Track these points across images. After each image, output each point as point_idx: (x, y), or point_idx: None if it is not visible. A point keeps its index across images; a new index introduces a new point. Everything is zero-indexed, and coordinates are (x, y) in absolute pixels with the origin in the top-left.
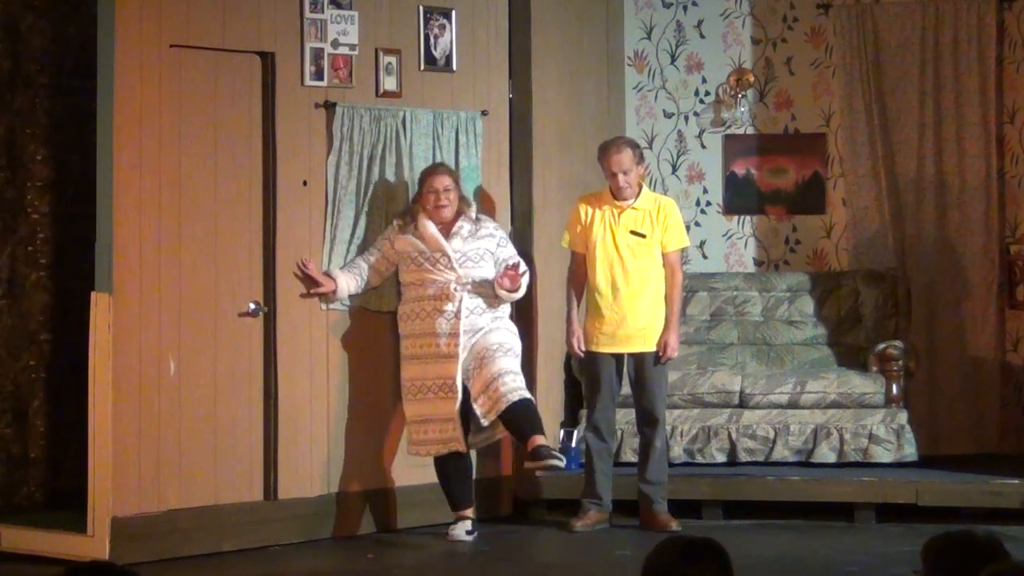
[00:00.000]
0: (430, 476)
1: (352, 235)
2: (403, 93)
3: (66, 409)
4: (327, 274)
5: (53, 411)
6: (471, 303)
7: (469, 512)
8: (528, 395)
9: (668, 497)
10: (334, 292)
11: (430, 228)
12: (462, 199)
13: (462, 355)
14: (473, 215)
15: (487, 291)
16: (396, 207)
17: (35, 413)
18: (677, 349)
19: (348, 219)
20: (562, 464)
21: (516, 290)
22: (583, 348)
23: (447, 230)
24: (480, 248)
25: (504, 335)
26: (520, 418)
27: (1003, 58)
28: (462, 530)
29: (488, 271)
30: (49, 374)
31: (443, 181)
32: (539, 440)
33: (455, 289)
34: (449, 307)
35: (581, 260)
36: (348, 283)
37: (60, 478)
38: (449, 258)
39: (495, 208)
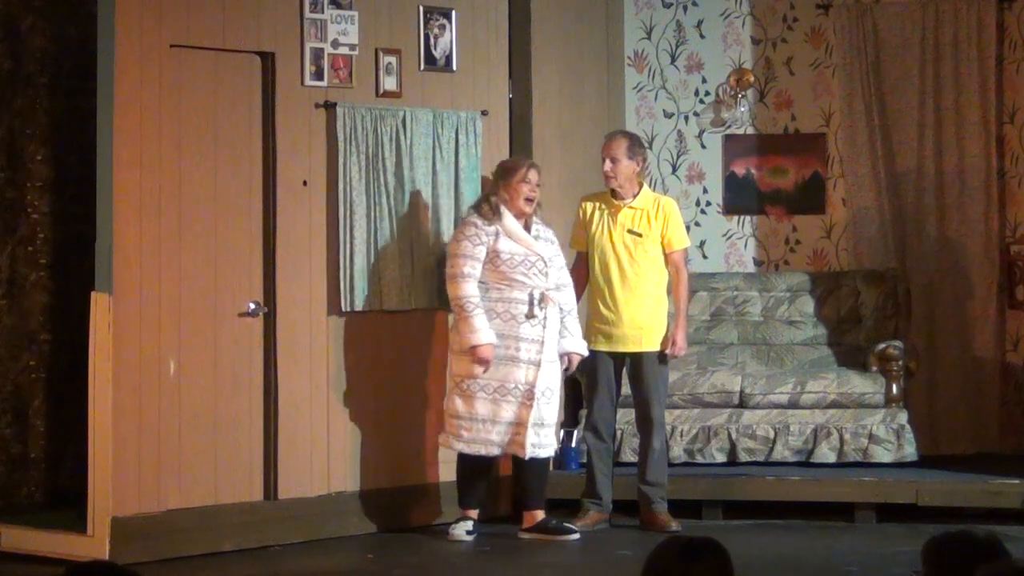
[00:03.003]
0: (430, 476)
1: (368, 233)
2: (403, 93)
3: (66, 409)
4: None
5: (53, 411)
6: (550, 310)
7: (474, 513)
8: (552, 452)
9: (668, 497)
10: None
11: (519, 229)
12: None
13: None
14: (538, 217)
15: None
16: (400, 206)
17: (35, 413)
18: (685, 347)
19: (362, 218)
20: (578, 536)
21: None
22: None
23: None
24: (554, 253)
25: (557, 370)
26: (533, 479)
27: (1003, 58)
28: (463, 530)
29: None
30: (49, 374)
31: (536, 174)
32: (540, 515)
33: (546, 295)
34: (539, 313)
35: (581, 259)
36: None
37: (60, 478)
38: (545, 263)
39: None
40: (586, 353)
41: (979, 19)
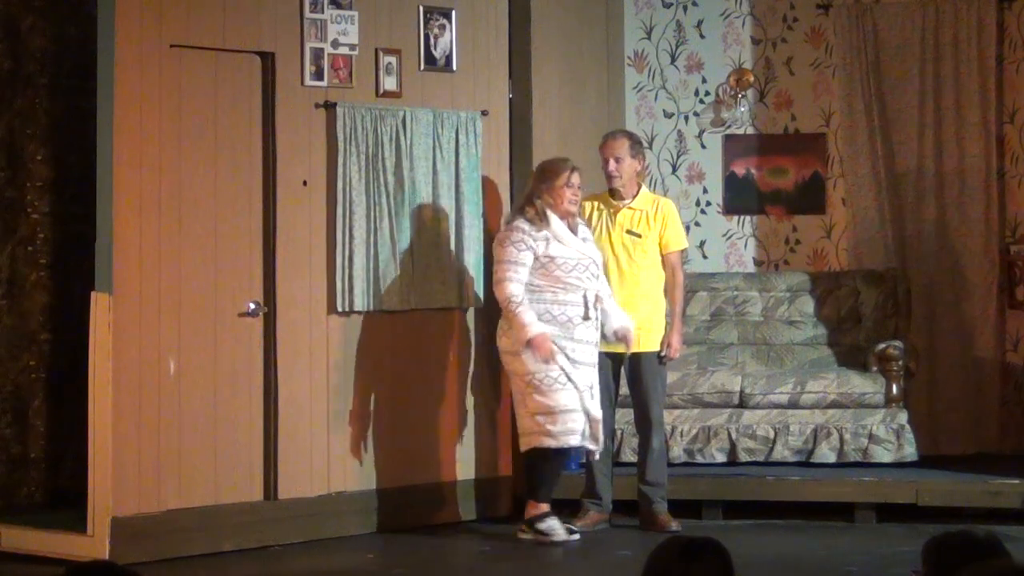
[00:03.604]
0: (431, 476)
1: (368, 233)
2: (403, 93)
3: (66, 409)
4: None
5: (53, 411)
6: (601, 312)
7: (548, 507)
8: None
9: (668, 497)
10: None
11: (567, 233)
12: None
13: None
14: (581, 218)
15: None
16: (400, 206)
17: (35, 413)
18: (680, 350)
19: (361, 218)
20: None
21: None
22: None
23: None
24: (598, 251)
25: (597, 373)
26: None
27: (1003, 58)
28: (563, 530)
29: None
30: (49, 374)
31: (578, 177)
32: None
33: (599, 296)
34: (594, 314)
35: None
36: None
37: (60, 478)
38: (597, 265)
39: (496, 208)
40: (632, 325)
41: (979, 19)
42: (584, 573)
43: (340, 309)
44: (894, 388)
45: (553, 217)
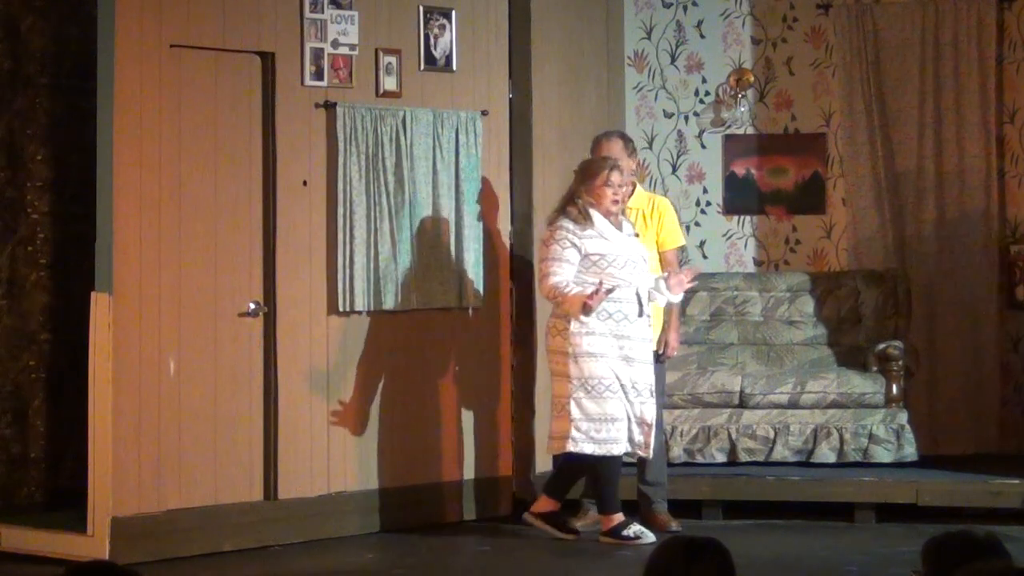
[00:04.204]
0: (431, 476)
1: (368, 233)
2: (403, 93)
3: (66, 409)
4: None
5: (53, 411)
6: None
7: (621, 516)
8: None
9: (668, 497)
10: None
11: (612, 230)
12: None
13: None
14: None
15: None
16: (400, 206)
17: (35, 413)
18: (677, 348)
19: (362, 218)
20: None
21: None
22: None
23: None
24: (644, 247)
25: (653, 370)
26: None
27: (1003, 58)
28: (638, 528)
29: None
30: (49, 374)
31: (619, 175)
32: (620, 518)
33: (651, 292)
34: (647, 311)
35: None
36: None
37: (60, 478)
38: (646, 262)
39: (496, 208)
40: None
41: (979, 19)
42: (584, 573)
43: (340, 309)
44: (894, 388)
45: (596, 215)
